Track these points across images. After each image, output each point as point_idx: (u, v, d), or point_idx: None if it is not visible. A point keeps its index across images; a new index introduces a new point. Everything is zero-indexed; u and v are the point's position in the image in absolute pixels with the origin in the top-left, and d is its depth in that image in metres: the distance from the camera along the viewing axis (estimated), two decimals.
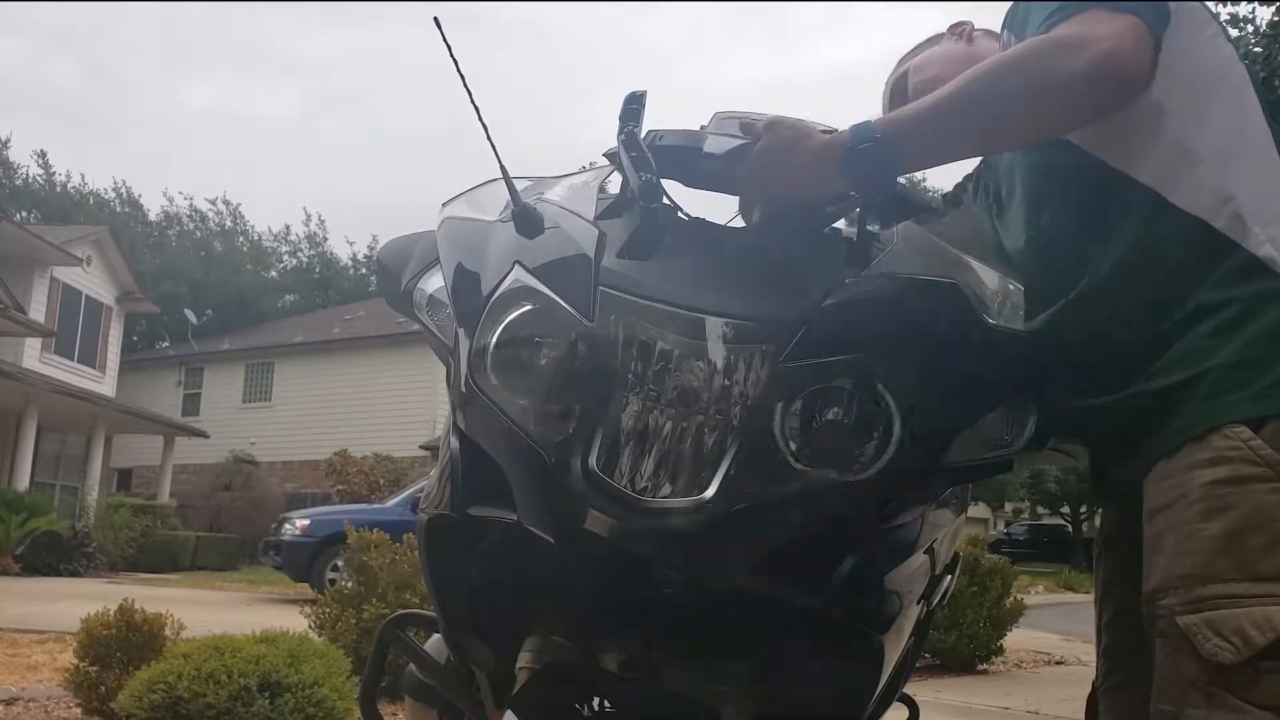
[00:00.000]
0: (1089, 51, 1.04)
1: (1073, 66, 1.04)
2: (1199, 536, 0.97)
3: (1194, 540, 0.97)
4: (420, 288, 1.26)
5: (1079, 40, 1.05)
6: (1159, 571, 1.00)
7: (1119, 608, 1.23)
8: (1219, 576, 0.95)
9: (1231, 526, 0.95)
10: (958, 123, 1.09)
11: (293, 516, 12.61)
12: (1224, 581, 0.95)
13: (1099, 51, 1.04)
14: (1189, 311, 1.05)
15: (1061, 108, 1.07)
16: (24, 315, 18.13)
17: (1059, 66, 1.05)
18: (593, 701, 1.14)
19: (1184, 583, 0.97)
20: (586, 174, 1.32)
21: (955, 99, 1.08)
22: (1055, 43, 1.07)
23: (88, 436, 20.15)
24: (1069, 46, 1.05)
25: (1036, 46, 1.08)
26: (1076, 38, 1.05)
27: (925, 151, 1.11)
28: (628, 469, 0.99)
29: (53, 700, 4.67)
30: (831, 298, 1.03)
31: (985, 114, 1.08)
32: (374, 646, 1.42)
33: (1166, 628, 0.98)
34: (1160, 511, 1.02)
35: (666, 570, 1.00)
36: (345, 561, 6.13)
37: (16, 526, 14.67)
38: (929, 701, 5.26)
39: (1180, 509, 0.99)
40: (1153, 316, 1.08)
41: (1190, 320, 1.05)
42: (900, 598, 1.12)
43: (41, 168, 42.43)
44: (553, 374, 1.02)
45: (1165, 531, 1.01)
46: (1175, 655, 0.98)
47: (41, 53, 69.15)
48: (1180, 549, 0.98)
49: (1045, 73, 1.05)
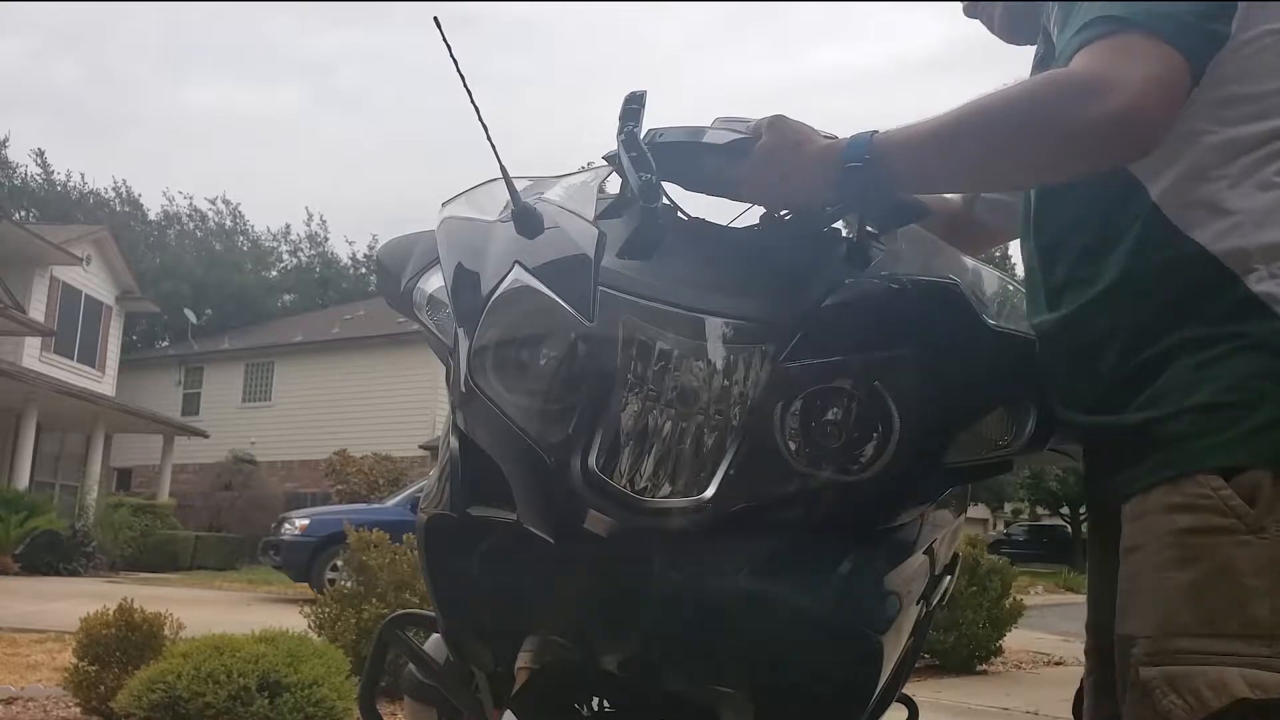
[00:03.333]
0: (1109, 101, 0.93)
1: (1087, 114, 0.94)
2: (1166, 586, 0.93)
3: (1161, 590, 0.94)
4: (420, 287, 1.26)
5: (1101, 83, 0.94)
6: (1129, 619, 0.98)
7: (1099, 610, 1.22)
8: (1182, 630, 0.92)
9: (1198, 579, 0.91)
10: (953, 154, 1.02)
11: (292, 516, 12.62)
12: (1187, 636, 0.91)
13: (1120, 103, 0.93)
14: (1175, 343, 0.99)
15: (1067, 156, 0.99)
16: (24, 314, 18.13)
17: (1071, 112, 0.95)
18: (593, 701, 1.14)
19: (1150, 633, 0.94)
20: (586, 174, 1.32)
21: (956, 128, 1.01)
22: (1073, 82, 0.96)
23: (87, 436, 20.14)
24: (1088, 90, 0.94)
25: (1053, 82, 0.98)
26: (1099, 79, 0.94)
27: (916, 179, 1.05)
28: (627, 469, 0.99)
29: (52, 700, 4.67)
30: (831, 298, 1.03)
31: (984, 150, 1.00)
32: (373, 646, 1.42)
33: (1132, 677, 0.96)
34: (1133, 552, 0.99)
35: (666, 570, 1.00)
36: (345, 561, 6.13)
37: (16, 526, 14.67)
38: (929, 702, 5.26)
39: (1151, 553, 0.96)
40: (1140, 342, 1.02)
41: (1175, 353, 0.99)
42: (900, 598, 1.12)
43: (40, 167, 42.51)
44: (553, 374, 1.02)
45: (1137, 574, 0.98)
46: (1136, 705, 0.96)
47: (41, 52, 69.20)
48: (1148, 597, 0.95)
49: (1056, 116, 0.96)
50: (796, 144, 1.08)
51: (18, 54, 66.05)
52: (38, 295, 19.86)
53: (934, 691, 6.26)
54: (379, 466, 20.77)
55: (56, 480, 20.26)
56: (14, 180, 41.39)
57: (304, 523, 12.06)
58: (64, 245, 20.16)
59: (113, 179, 64.10)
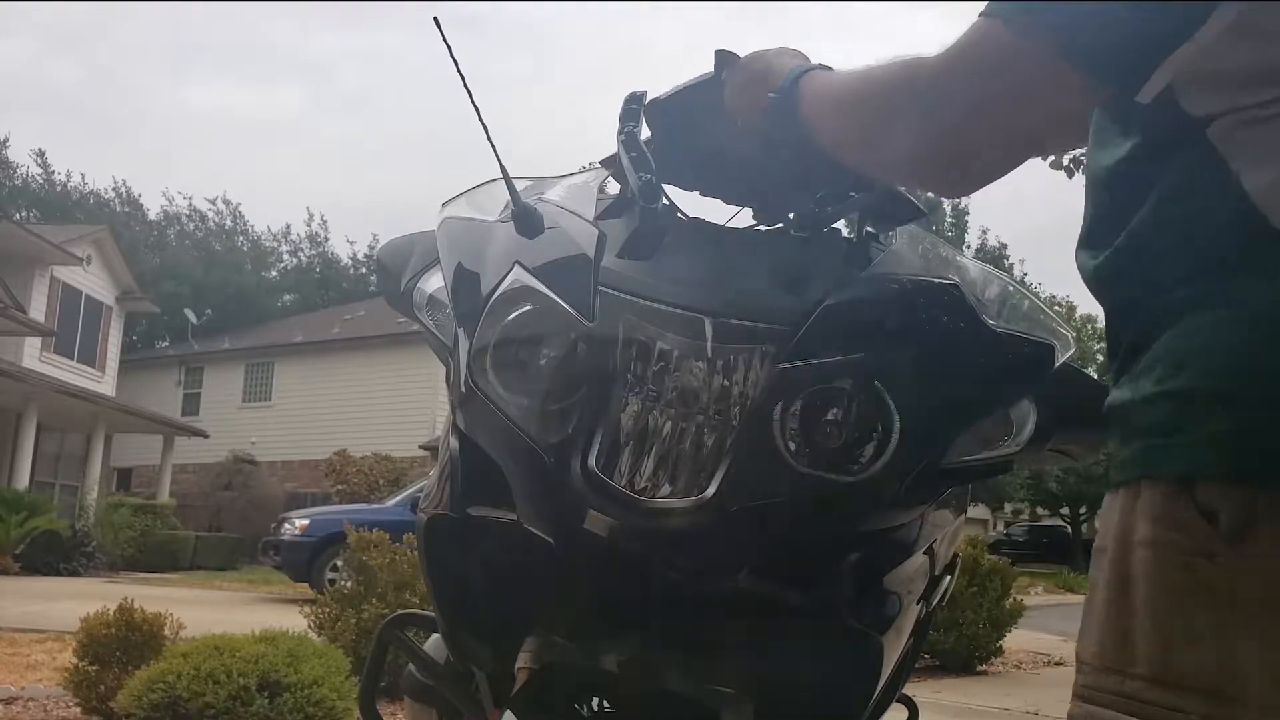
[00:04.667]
0: (932, 120, 0.80)
1: (907, 124, 0.82)
2: (1107, 609, 0.78)
3: (1101, 613, 0.79)
4: (420, 288, 1.26)
5: (943, 91, 0.80)
6: (1081, 637, 0.83)
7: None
8: (1108, 664, 0.77)
9: (1137, 606, 0.75)
10: (839, 123, 0.92)
11: (292, 516, 12.62)
12: (1110, 672, 0.77)
13: (938, 126, 0.80)
14: (1176, 305, 0.78)
15: (879, 163, 0.89)
16: (24, 314, 18.13)
17: (902, 114, 0.83)
18: (593, 701, 1.14)
19: (1089, 660, 0.80)
20: (586, 174, 1.32)
21: (855, 92, 0.91)
22: (929, 73, 0.82)
23: (87, 436, 20.15)
24: (930, 89, 0.81)
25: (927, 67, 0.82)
26: (945, 83, 0.80)
27: (815, 133, 0.96)
28: (627, 469, 0.99)
29: (52, 699, 4.67)
30: (831, 298, 1.03)
31: (860, 123, 0.90)
32: (373, 646, 1.42)
33: (1069, 709, 0.82)
34: (1097, 555, 0.84)
35: (666, 570, 1.00)
36: (345, 561, 6.14)
37: (16, 526, 14.68)
38: (929, 702, 5.26)
39: (1103, 563, 0.81)
40: (1150, 300, 0.82)
41: (1173, 316, 0.79)
42: (900, 598, 1.12)
43: (41, 167, 42.50)
44: (553, 374, 1.02)
45: (1094, 585, 0.83)
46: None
47: (42, 52, 69.21)
48: (1092, 619, 0.81)
49: (896, 109, 0.84)
50: (765, 72, 1.04)
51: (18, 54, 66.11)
52: (38, 295, 19.86)
53: (934, 691, 6.26)
54: (379, 466, 20.77)
55: (57, 480, 20.26)
56: (14, 180, 41.40)
57: (304, 523, 12.06)
58: (64, 245, 20.16)
59: (113, 179, 64.13)
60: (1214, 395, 0.73)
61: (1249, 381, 0.72)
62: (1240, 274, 0.74)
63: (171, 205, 46.87)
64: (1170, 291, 0.78)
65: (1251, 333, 0.72)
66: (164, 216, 45.09)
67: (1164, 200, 0.79)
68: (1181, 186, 0.78)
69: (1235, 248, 0.75)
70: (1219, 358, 0.74)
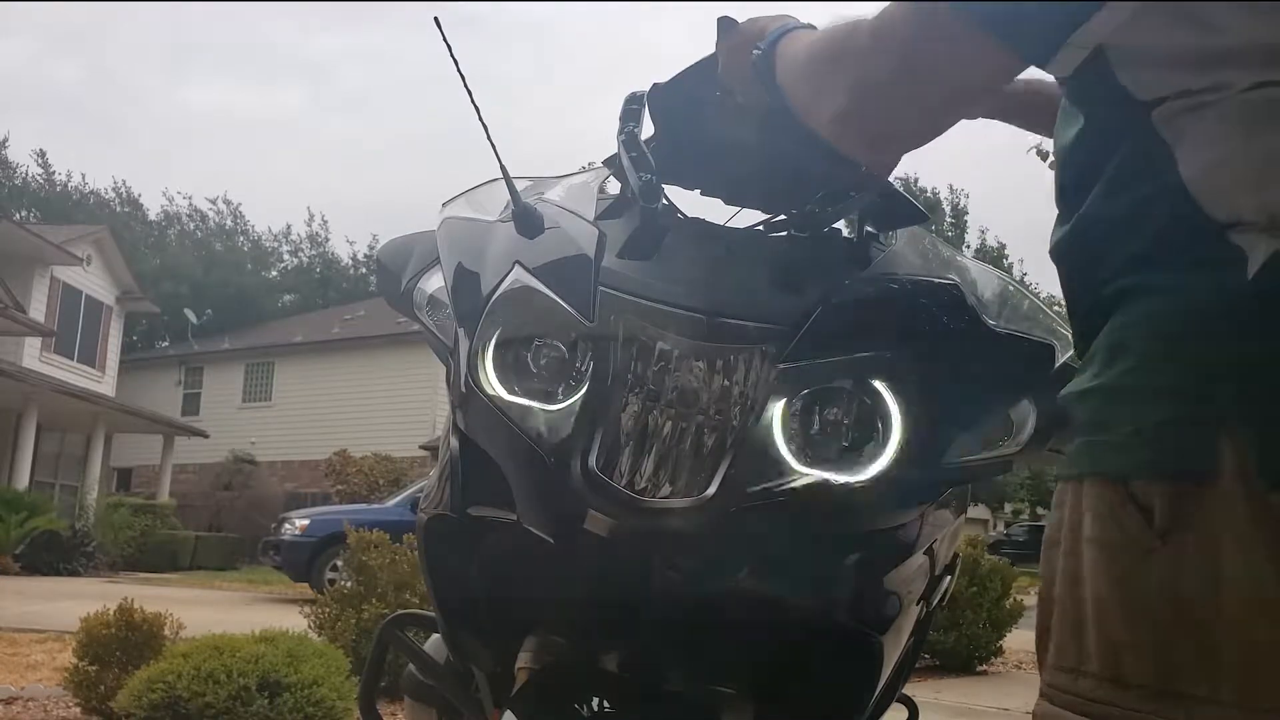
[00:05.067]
0: (861, 78, 0.80)
1: (841, 81, 0.82)
2: (1061, 605, 0.76)
3: (1056, 609, 0.76)
4: (420, 288, 1.26)
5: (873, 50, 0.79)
6: (1037, 637, 0.80)
7: None
8: (1063, 663, 0.74)
9: (1086, 603, 0.73)
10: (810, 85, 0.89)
11: (292, 516, 12.62)
12: (1065, 671, 0.74)
13: (865, 84, 0.80)
14: (1114, 295, 0.76)
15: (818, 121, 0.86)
16: (24, 314, 18.13)
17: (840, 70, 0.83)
18: (593, 701, 1.15)
19: (1050, 660, 0.77)
20: (586, 174, 1.33)
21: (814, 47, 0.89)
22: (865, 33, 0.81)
23: (87, 436, 20.15)
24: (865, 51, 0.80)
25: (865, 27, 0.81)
26: (876, 43, 0.79)
27: (786, 92, 0.93)
28: (627, 469, 0.99)
29: (52, 699, 4.67)
30: (831, 298, 1.03)
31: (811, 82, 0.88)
32: (373, 646, 1.42)
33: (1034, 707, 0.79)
34: (1047, 548, 0.80)
35: (666, 570, 1.00)
36: (345, 561, 6.14)
37: (16, 526, 14.68)
38: (929, 702, 5.26)
39: (1055, 557, 0.77)
40: (1093, 289, 0.80)
41: (1112, 306, 0.76)
42: (900, 598, 1.12)
43: (41, 167, 42.52)
44: (553, 374, 1.02)
45: (1049, 583, 0.79)
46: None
47: (42, 53, 69.23)
48: (1049, 615, 0.78)
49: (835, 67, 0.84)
50: (754, 36, 1.02)
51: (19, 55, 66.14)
52: (38, 295, 19.86)
53: (934, 691, 6.26)
54: (379, 467, 20.77)
55: (57, 480, 20.26)
56: (14, 181, 41.41)
57: (304, 523, 12.06)
58: (64, 245, 20.16)
59: (113, 179, 64.14)
60: (1143, 390, 0.71)
61: (1177, 376, 0.70)
62: (1176, 264, 0.72)
63: (172, 205, 46.98)
64: (1111, 281, 0.76)
65: (1183, 326, 0.70)
66: (164, 216, 45.17)
67: (1110, 185, 0.78)
68: (1126, 172, 0.76)
69: (1172, 237, 0.73)
70: (1149, 352, 0.72)
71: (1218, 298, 0.69)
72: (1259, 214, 0.68)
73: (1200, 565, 0.66)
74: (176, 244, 43.46)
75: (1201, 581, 0.66)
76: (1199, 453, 0.67)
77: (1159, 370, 0.71)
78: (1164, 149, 0.73)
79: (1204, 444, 0.67)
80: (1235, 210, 0.69)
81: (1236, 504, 0.65)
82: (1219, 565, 0.65)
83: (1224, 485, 0.65)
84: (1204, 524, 0.66)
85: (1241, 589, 0.64)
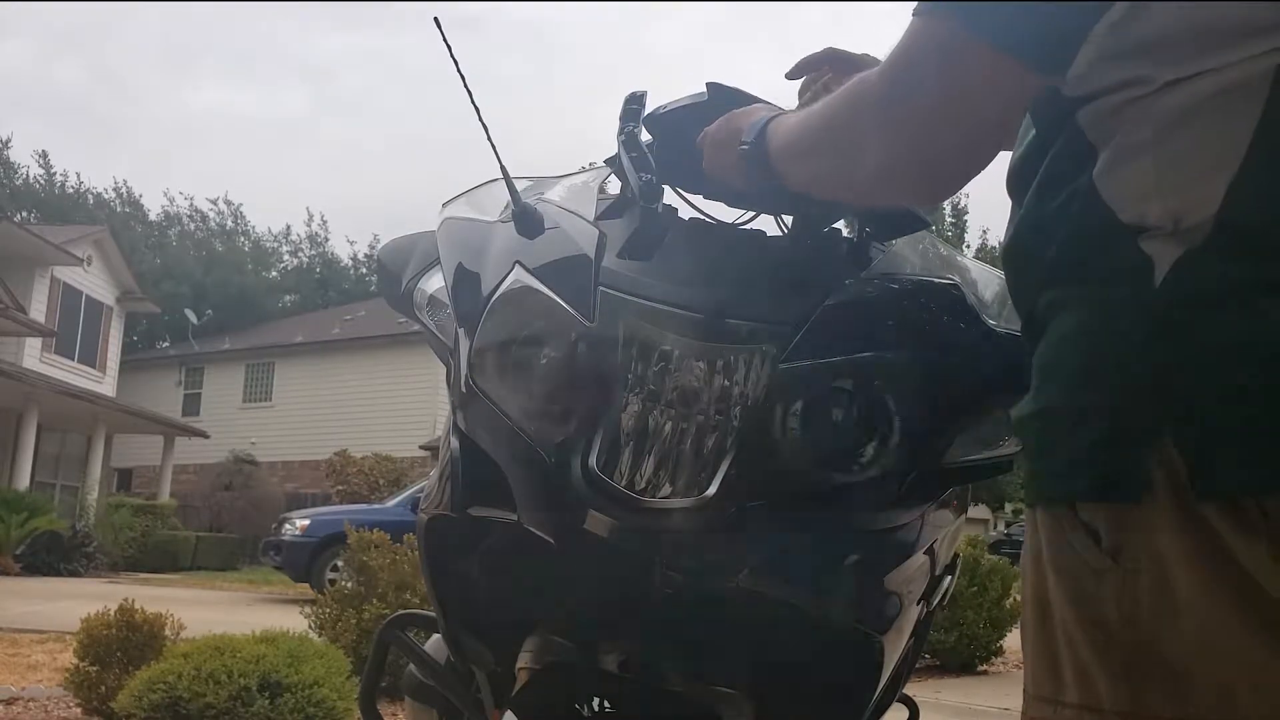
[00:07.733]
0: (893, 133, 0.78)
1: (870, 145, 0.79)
2: (1036, 633, 0.74)
3: (1030, 638, 0.75)
4: (420, 288, 1.26)
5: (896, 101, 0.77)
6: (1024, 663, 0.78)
7: None
8: (1042, 693, 0.72)
9: (1056, 630, 0.71)
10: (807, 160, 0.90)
11: (293, 516, 12.62)
12: (1044, 701, 0.72)
13: (899, 138, 0.77)
14: (1043, 311, 0.75)
15: (855, 191, 0.87)
16: (24, 315, 18.13)
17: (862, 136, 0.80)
18: (593, 701, 1.15)
19: (1029, 689, 0.75)
20: (586, 174, 1.33)
21: (817, 127, 0.88)
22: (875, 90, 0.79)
23: (88, 436, 20.15)
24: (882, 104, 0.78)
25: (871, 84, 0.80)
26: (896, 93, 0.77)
27: (786, 176, 0.94)
28: (628, 469, 0.99)
29: (53, 700, 4.67)
30: (831, 298, 1.03)
31: (825, 158, 0.88)
32: (374, 647, 1.42)
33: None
34: (1022, 575, 0.78)
35: (666, 570, 1.00)
36: (345, 561, 6.13)
37: (17, 526, 14.68)
38: (929, 702, 5.26)
39: (1026, 585, 0.76)
40: (1025, 304, 0.79)
41: (1042, 323, 0.75)
42: (900, 598, 1.12)
43: (42, 168, 42.46)
44: (553, 374, 1.02)
45: (1025, 606, 0.77)
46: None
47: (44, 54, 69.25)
48: (1025, 644, 0.76)
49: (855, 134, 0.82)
50: (737, 131, 1.02)
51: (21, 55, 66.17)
52: (38, 296, 19.86)
53: (934, 691, 6.26)
54: (379, 467, 20.76)
55: (57, 481, 20.26)
56: (16, 181, 41.40)
57: (304, 523, 12.06)
58: (65, 246, 20.16)
59: (113, 179, 64.15)
60: (1074, 411, 0.69)
61: (1103, 395, 0.67)
62: (1094, 275, 0.70)
63: (172, 206, 46.94)
64: (1039, 295, 0.74)
65: (1104, 342, 0.68)
66: (165, 217, 45.10)
67: (1039, 189, 0.76)
68: (1053, 178, 0.74)
69: (1090, 246, 0.70)
70: (1075, 371, 0.70)
71: (1132, 310, 0.67)
72: (1164, 219, 0.66)
73: (1151, 584, 0.64)
74: (177, 244, 43.42)
75: (1155, 599, 0.64)
76: (1132, 470, 0.65)
77: (1085, 390, 0.69)
78: (1089, 150, 0.71)
79: (1136, 461, 0.65)
80: (1142, 215, 0.67)
81: (1173, 518, 0.63)
82: (1168, 581, 0.63)
83: (1160, 500, 0.64)
84: (1148, 541, 0.64)
85: (1193, 606, 0.63)
